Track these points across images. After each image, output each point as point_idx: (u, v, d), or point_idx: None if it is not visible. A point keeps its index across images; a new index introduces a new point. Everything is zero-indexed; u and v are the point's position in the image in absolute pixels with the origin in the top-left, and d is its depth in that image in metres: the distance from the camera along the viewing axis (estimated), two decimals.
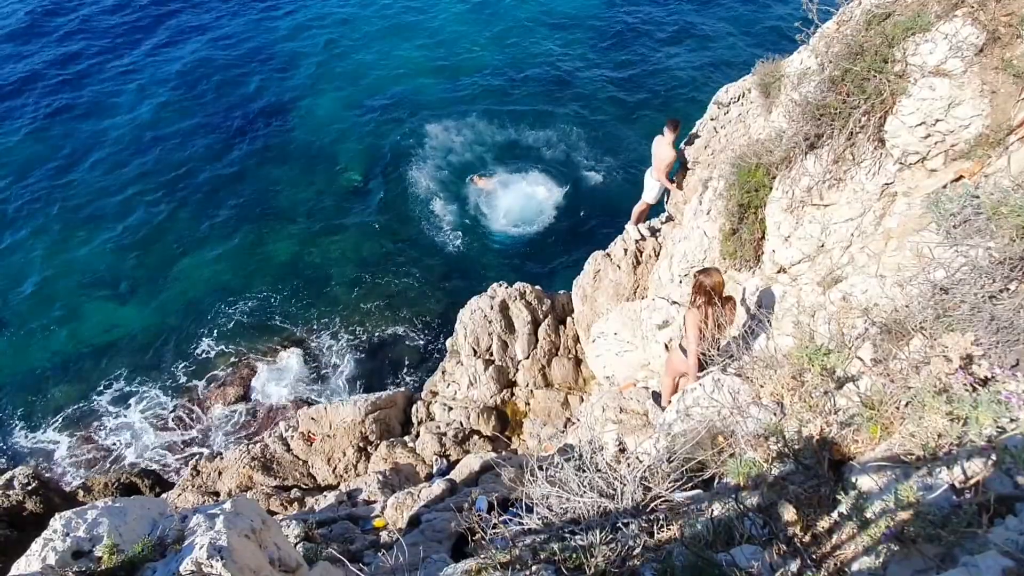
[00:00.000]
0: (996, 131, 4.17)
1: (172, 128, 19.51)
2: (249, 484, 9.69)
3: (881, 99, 4.60)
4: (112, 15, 23.99)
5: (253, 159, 18.59)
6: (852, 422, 2.62)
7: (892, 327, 3.00)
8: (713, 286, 5.05)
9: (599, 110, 19.63)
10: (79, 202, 17.43)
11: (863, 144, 4.90)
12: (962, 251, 2.82)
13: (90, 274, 15.88)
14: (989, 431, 2.08)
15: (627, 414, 6.68)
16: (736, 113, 8.43)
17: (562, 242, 16.07)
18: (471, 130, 19.20)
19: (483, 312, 11.00)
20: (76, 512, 2.74)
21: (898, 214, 4.83)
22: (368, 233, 16.69)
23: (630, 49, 21.83)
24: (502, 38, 22.63)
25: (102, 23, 23.64)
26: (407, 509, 7.29)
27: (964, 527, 1.83)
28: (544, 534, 2.89)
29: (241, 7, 24.57)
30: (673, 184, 9.21)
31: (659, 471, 3.04)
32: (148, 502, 3.02)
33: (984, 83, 4.19)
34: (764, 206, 6.05)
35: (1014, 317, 2.47)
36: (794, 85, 5.59)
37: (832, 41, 5.11)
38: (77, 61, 21.99)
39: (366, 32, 23.21)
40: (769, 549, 2.27)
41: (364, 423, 10.37)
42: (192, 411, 13.19)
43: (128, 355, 14.40)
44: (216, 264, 16.07)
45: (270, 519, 3.06)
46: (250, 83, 21.14)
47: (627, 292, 9.69)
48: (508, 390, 10.87)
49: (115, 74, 21.46)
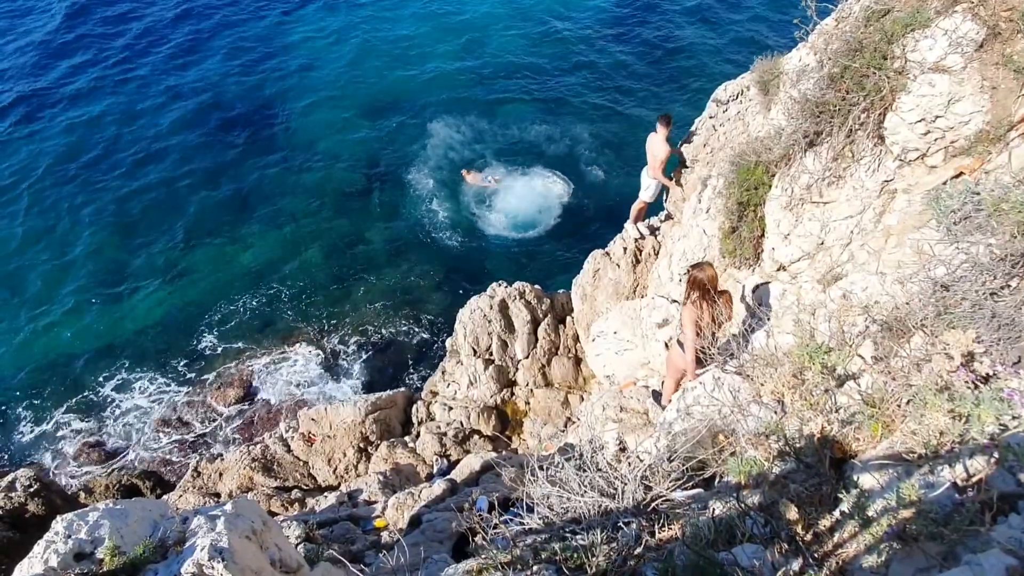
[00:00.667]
0: (996, 127, 4.16)
1: (175, 129, 19.52)
2: (250, 485, 9.69)
3: (880, 96, 4.59)
4: (109, 25, 23.98)
5: (252, 160, 18.59)
6: (853, 420, 2.61)
7: (893, 325, 2.99)
8: (707, 280, 5.05)
9: (600, 107, 19.63)
10: (83, 200, 17.46)
11: (863, 141, 4.89)
12: (963, 248, 2.82)
13: (91, 274, 15.89)
14: (991, 429, 2.08)
15: (627, 413, 6.68)
16: (735, 111, 8.41)
17: (562, 241, 16.07)
18: (471, 128, 19.20)
19: (483, 312, 11.00)
20: (78, 514, 2.74)
21: (898, 211, 4.82)
22: (368, 233, 16.69)
23: (633, 44, 21.81)
24: (502, 37, 22.61)
25: (98, 33, 23.65)
26: (408, 509, 7.29)
27: (967, 525, 1.83)
28: (545, 534, 2.88)
29: (244, 13, 24.55)
30: (671, 180, 9.16)
31: (660, 470, 3.04)
32: (149, 504, 3.02)
33: (984, 79, 4.17)
34: (763, 204, 6.04)
35: (1015, 314, 2.46)
36: (793, 82, 5.58)
37: (831, 38, 5.10)
38: (82, 66, 21.99)
39: (366, 34, 23.20)
40: (771, 548, 2.26)
41: (364, 423, 10.37)
42: (193, 412, 13.19)
43: (129, 356, 14.41)
44: (216, 265, 16.07)
45: (271, 520, 3.06)
46: (253, 85, 21.17)
47: (627, 291, 9.68)
48: (508, 390, 10.87)
49: (117, 79, 21.46)
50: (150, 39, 23.05)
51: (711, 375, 4.66)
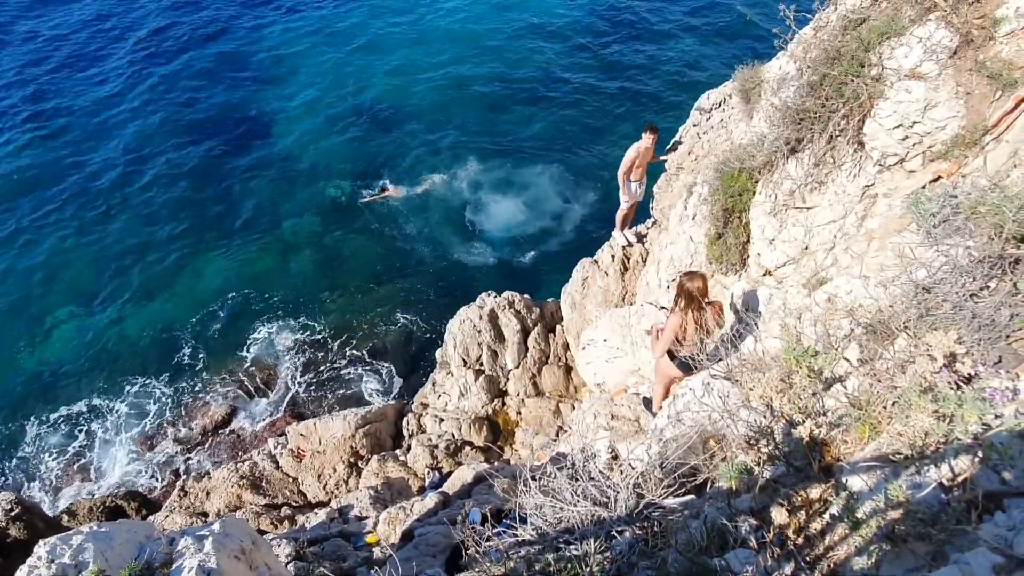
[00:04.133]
0: (972, 132, 4.25)
1: (160, 141, 19.39)
2: (238, 503, 9.54)
3: (859, 102, 4.68)
4: (90, 29, 23.87)
5: (237, 174, 18.49)
6: (841, 423, 2.63)
7: (877, 327, 3.03)
8: (695, 290, 5.10)
9: (589, 116, 19.80)
10: (59, 217, 17.23)
11: (843, 147, 4.97)
12: (942, 250, 2.86)
13: (75, 290, 15.65)
14: (975, 428, 2.11)
15: (619, 420, 6.68)
16: (718, 119, 8.53)
17: (550, 250, 16.12)
18: (456, 138, 19.26)
19: (472, 322, 10.98)
20: (61, 538, 2.69)
21: (879, 215, 4.90)
22: (353, 246, 16.63)
23: (620, 53, 22.07)
24: (488, 46, 22.77)
25: (77, 37, 23.52)
26: (400, 524, 7.21)
27: (954, 524, 1.84)
28: (539, 545, 2.87)
29: (227, 20, 24.54)
30: (624, 180, 8.99)
31: (652, 477, 3.04)
32: (135, 525, 2.96)
33: (959, 85, 4.27)
34: (748, 210, 6.11)
35: (995, 314, 2.51)
36: (774, 90, 5.67)
37: (810, 46, 5.20)
38: (61, 74, 21.85)
39: (352, 44, 23.26)
40: (763, 553, 2.27)
41: (354, 437, 10.27)
42: (179, 430, 12.98)
43: (112, 374, 14.17)
44: (197, 280, 15.91)
45: (260, 539, 3.01)
46: (237, 97, 21.10)
47: (616, 298, 9.72)
48: (499, 400, 10.83)
49: (101, 89, 21.32)
50: (132, 50, 22.96)
51: (700, 380, 4.68)
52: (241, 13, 24.98)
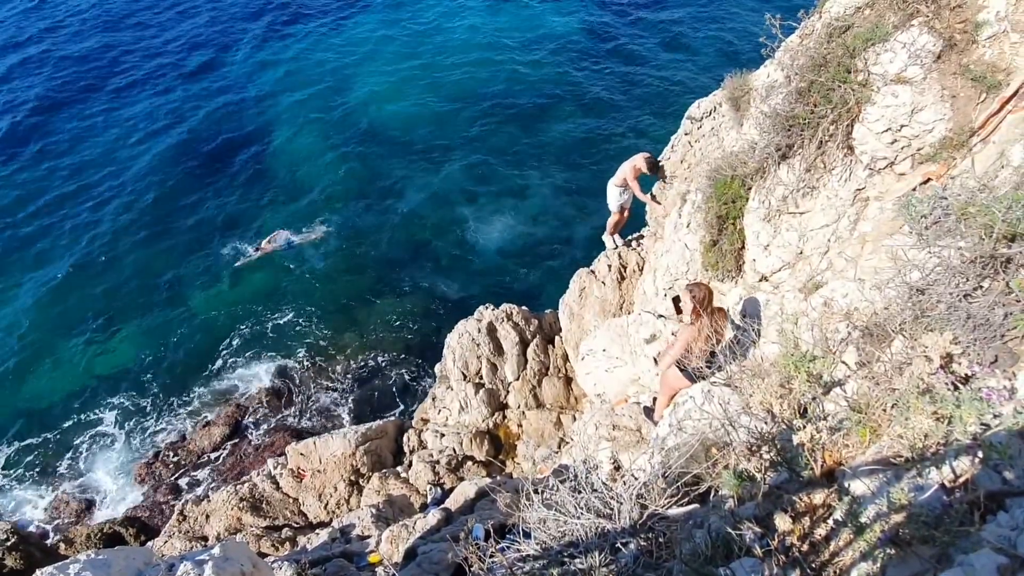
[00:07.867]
0: (959, 134, 4.30)
1: (153, 165, 19.46)
2: (238, 526, 9.44)
3: (847, 108, 4.74)
4: (83, 47, 24.06)
5: (227, 194, 18.54)
6: (841, 427, 2.63)
7: (873, 330, 3.05)
8: (701, 299, 5.13)
9: (586, 129, 19.92)
10: (52, 239, 17.25)
11: (833, 152, 5.02)
12: (935, 252, 2.88)
13: (68, 314, 15.57)
14: (974, 428, 2.11)
15: (620, 431, 6.65)
16: (709, 127, 8.61)
17: (547, 261, 16.15)
18: (448, 158, 19.36)
19: (471, 336, 10.96)
20: (58, 567, 2.65)
21: (872, 218, 4.94)
22: (350, 263, 16.64)
23: (614, 67, 22.29)
24: (479, 65, 22.97)
25: (69, 57, 23.71)
26: (402, 542, 7.13)
27: (957, 526, 1.84)
28: (543, 559, 2.84)
29: (218, 45, 24.76)
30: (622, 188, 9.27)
31: (655, 487, 3.02)
32: (133, 552, 2.93)
33: (944, 88, 4.33)
34: (742, 216, 6.15)
35: (989, 314, 2.52)
36: (763, 98, 5.73)
37: (796, 54, 5.27)
38: (50, 98, 21.97)
39: (343, 65, 23.47)
40: (768, 561, 2.25)
41: (355, 455, 10.19)
42: (177, 453, 12.86)
43: (108, 398, 14.06)
44: (193, 302, 15.87)
45: (261, 562, 2.98)
46: (231, 118, 21.23)
47: (613, 308, 9.73)
48: (500, 413, 10.78)
49: (94, 111, 21.46)
50: (121, 71, 23.13)
51: (701, 388, 4.68)
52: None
